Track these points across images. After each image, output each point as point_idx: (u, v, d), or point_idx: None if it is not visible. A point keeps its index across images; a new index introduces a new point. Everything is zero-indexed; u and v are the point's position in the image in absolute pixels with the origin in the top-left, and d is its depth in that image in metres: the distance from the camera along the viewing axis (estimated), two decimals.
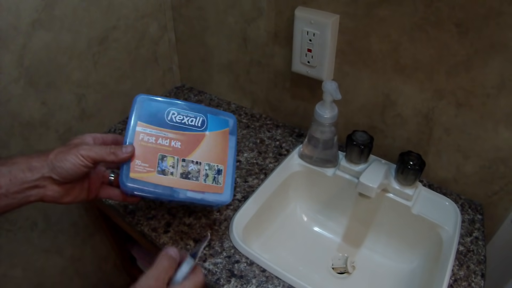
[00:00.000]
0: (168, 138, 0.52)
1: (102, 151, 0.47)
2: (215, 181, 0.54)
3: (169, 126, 0.53)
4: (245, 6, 0.75)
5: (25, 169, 0.45)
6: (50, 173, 0.46)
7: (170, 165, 0.52)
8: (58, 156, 0.46)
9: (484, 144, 0.62)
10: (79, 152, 0.46)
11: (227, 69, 0.88)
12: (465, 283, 0.55)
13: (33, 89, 0.68)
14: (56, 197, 0.48)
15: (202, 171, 0.53)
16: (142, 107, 0.52)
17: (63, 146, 0.48)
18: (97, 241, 0.98)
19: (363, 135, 0.66)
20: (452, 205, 0.65)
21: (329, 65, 0.68)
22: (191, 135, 0.54)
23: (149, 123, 0.52)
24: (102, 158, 0.47)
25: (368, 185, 0.60)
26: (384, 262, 0.68)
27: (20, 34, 0.62)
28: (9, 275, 0.79)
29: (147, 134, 0.51)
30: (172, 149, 0.52)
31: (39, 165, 0.45)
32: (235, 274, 0.56)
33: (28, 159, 0.46)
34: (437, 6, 0.54)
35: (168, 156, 0.52)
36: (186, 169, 0.52)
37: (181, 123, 0.54)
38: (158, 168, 0.51)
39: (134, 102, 0.52)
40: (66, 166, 0.45)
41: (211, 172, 0.54)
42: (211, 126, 0.56)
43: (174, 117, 0.53)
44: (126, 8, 0.77)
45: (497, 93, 0.56)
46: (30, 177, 0.45)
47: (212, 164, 0.54)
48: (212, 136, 0.55)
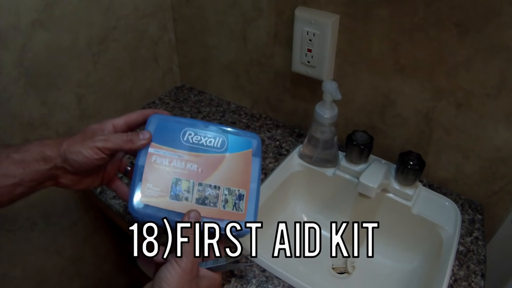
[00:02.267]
0: (184, 160, 0.48)
1: (119, 140, 0.45)
2: (235, 208, 0.49)
3: (185, 147, 0.49)
4: (245, 6, 0.75)
5: (39, 159, 0.43)
6: (63, 164, 0.44)
7: (185, 189, 0.47)
8: (72, 147, 0.44)
9: (484, 144, 0.62)
10: (94, 144, 0.43)
11: (227, 69, 0.88)
12: (465, 283, 0.55)
13: (33, 89, 0.68)
14: (69, 185, 0.47)
15: (221, 196, 0.49)
16: (157, 127, 0.49)
17: (79, 134, 0.45)
18: (97, 241, 0.98)
19: (363, 135, 0.66)
20: (452, 205, 0.65)
21: (329, 65, 0.68)
22: (209, 157, 0.50)
23: (163, 144, 0.48)
24: (119, 147, 0.45)
25: (368, 185, 0.60)
26: (384, 262, 0.68)
27: (20, 34, 0.62)
28: (9, 275, 0.79)
29: (160, 155, 0.48)
30: (187, 172, 0.48)
31: (53, 154, 0.43)
32: (235, 274, 0.56)
33: (42, 147, 0.44)
34: (437, 6, 0.54)
35: (183, 180, 0.48)
36: (203, 194, 0.48)
37: (198, 144, 0.50)
38: (172, 192, 0.47)
39: (148, 122, 0.49)
40: (79, 159, 0.43)
41: (231, 197, 0.49)
42: (232, 147, 0.51)
43: (191, 137, 0.50)
44: (126, 8, 0.77)
45: (497, 93, 0.56)
46: (44, 167, 0.43)
47: (232, 189, 0.49)
48: (233, 158, 0.50)
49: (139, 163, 0.47)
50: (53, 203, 0.81)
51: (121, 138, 0.45)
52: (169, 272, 0.41)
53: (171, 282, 0.40)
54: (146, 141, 0.47)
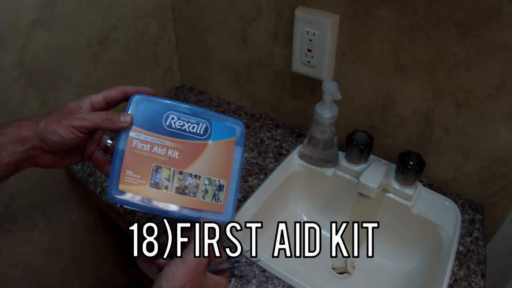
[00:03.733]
0: (165, 147, 0.47)
1: (96, 119, 0.43)
2: (215, 198, 0.49)
3: (167, 132, 0.47)
4: (245, 6, 0.75)
5: (15, 141, 0.42)
6: (40, 144, 0.43)
7: (165, 177, 0.47)
8: (48, 127, 0.42)
9: (484, 144, 0.62)
10: (70, 123, 0.42)
11: (227, 69, 0.88)
12: (465, 283, 0.55)
13: (33, 89, 0.68)
14: (48, 165, 0.46)
15: (201, 186, 0.48)
16: (138, 109, 0.47)
17: (56, 113, 0.44)
18: (97, 241, 0.98)
19: (363, 135, 0.66)
20: (452, 205, 0.65)
21: (329, 65, 0.68)
22: (192, 144, 0.48)
23: (145, 128, 0.46)
24: (97, 126, 0.43)
25: (368, 185, 0.60)
26: (384, 262, 0.68)
27: (20, 34, 0.62)
28: (9, 275, 0.79)
29: (141, 140, 0.46)
30: (168, 160, 0.47)
31: (29, 135, 0.42)
32: (235, 274, 0.56)
33: (18, 128, 0.43)
34: (437, 6, 0.54)
35: (163, 168, 0.47)
36: (183, 183, 0.47)
37: (181, 129, 0.48)
38: (151, 180, 0.46)
39: (129, 103, 0.47)
40: (55, 138, 0.42)
41: (211, 187, 0.49)
42: (215, 134, 0.50)
43: (173, 122, 0.48)
44: (126, 8, 0.77)
45: (497, 93, 0.56)
46: (21, 148, 0.42)
47: (213, 179, 0.49)
48: (215, 146, 0.49)
49: (119, 147, 0.46)
50: (53, 203, 0.81)
51: (99, 117, 0.43)
52: (170, 269, 0.40)
53: (171, 279, 0.39)
54: (127, 124, 0.45)
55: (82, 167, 0.75)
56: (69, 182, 0.83)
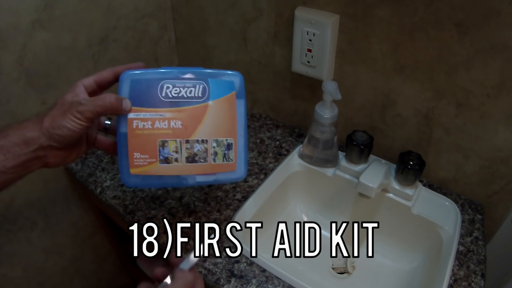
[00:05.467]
0: (166, 119, 0.46)
1: (99, 107, 0.42)
2: (225, 158, 0.48)
3: (165, 104, 0.46)
4: (245, 6, 0.75)
5: (20, 143, 0.41)
6: (49, 142, 0.42)
7: (173, 150, 0.46)
8: (55, 123, 0.42)
9: (484, 144, 0.62)
10: (75, 114, 0.41)
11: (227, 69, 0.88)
12: (465, 283, 0.55)
13: (33, 89, 0.68)
14: (58, 162, 0.45)
15: (209, 150, 0.47)
16: (131, 86, 0.45)
17: (56, 108, 0.43)
18: (97, 241, 0.98)
19: (363, 135, 0.66)
20: (452, 205, 0.65)
21: (329, 65, 0.68)
22: (192, 109, 0.47)
23: (142, 105, 0.45)
24: (101, 113, 0.43)
25: (368, 185, 0.60)
26: (384, 262, 0.68)
27: (20, 34, 0.62)
28: (9, 275, 0.79)
29: (141, 119, 0.45)
30: (172, 132, 0.46)
31: (35, 135, 0.42)
32: (235, 274, 0.56)
33: (21, 130, 0.42)
34: (437, 6, 0.54)
35: (169, 141, 0.46)
36: (191, 152, 0.46)
37: (178, 96, 0.46)
38: (160, 156, 0.45)
39: (120, 82, 0.45)
40: (65, 133, 0.42)
41: (220, 149, 0.47)
42: (213, 93, 0.47)
43: (169, 91, 0.46)
44: (126, 8, 0.77)
45: (497, 93, 0.56)
46: (27, 149, 0.42)
47: (220, 140, 0.47)
48: (216, 106, 0.47)
49: (121, 131, 0.45)
50: (53, 203, 0.81)
51: (103, 104, 0.43)
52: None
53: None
54: (128, 110, 0.45)
55: (82, 167, 0.75)
56: (69, 182, 0.83)
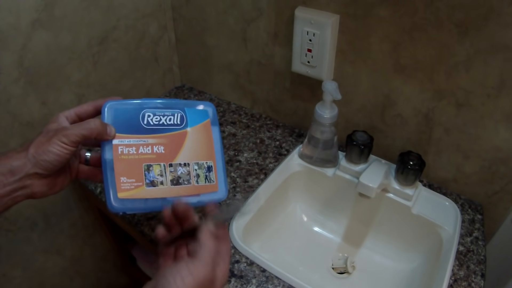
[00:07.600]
0: (150, 145, 0.48)
1: (84, 130, 0.43)
2: (207, 180, 0.51)
3: (147, 130, 0.49)
4: (245, 6, 0.75)
5: (5, 172, 0.41)
6: (35, 169, 0.42)
7: (158, 173, 0.48)
8: (40, 149, 0.42)
9: (484, 144, 0.62)
10: (60, 139, 0.42)
11: (227, 69, 0.88)
12: (465, 283, 0.55)
13: (33, 89, 0.68)
14: (44, 191, 0.45)
15: (192, 172, 0.50)
16: (114, 115, 0.47)
17: (41, 136, 0.44)
18: (97, 241, 0.98)
19: (363, 135, 0.66)
20: (452, 205, 0.65)
21: (329, 65, 0.68)
22: (173, 136, 0.50)
23: (126, 132, 0.47)
24: (86, 137, 0.44)
25: (368, 185, 0.60)
26: (384, 262, 0.68)
27: (20, 34, 0.62)
28: (9, 275, 0.79)
29: (126, 145, 0.47)
30: (156, 156, 0.48)
31: (21, 163, 0.42)
32: (235, 274, 0.56)
33: (6, 159, 0.42)
34: (437, 6, 0.54)
35: (154, 165, 0.48)
36: (175, 174, 0.49)
37: (159, 124, 0.50)
38: (146, 180, 0.47)
39: (103, 111, 0.47)
40: (51, 158, 0.42)
41: (201, 171, 0.51)
42: (191, 120, 0.52)
43: (150, 119, 0.49)
44: (126, 8, 0.77)
45: (497, 93, 0.56)
46: (12, 179, 0.42)
47: (201, 162, 0.51)
48: (194, 132, 0.52)
49: (106, 158, 0.46)
50: (53, 203, 0.81)
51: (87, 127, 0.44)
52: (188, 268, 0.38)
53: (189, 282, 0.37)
54: (112, 136, 0.46)
55: None
56: None
